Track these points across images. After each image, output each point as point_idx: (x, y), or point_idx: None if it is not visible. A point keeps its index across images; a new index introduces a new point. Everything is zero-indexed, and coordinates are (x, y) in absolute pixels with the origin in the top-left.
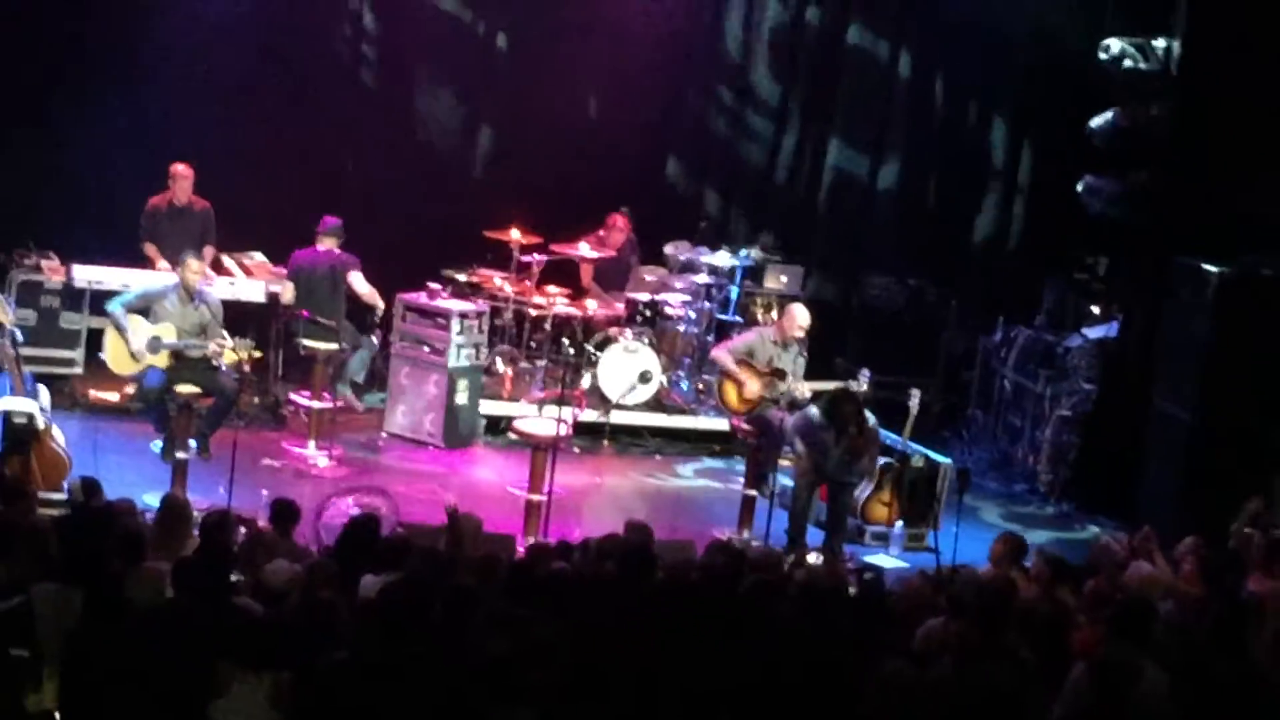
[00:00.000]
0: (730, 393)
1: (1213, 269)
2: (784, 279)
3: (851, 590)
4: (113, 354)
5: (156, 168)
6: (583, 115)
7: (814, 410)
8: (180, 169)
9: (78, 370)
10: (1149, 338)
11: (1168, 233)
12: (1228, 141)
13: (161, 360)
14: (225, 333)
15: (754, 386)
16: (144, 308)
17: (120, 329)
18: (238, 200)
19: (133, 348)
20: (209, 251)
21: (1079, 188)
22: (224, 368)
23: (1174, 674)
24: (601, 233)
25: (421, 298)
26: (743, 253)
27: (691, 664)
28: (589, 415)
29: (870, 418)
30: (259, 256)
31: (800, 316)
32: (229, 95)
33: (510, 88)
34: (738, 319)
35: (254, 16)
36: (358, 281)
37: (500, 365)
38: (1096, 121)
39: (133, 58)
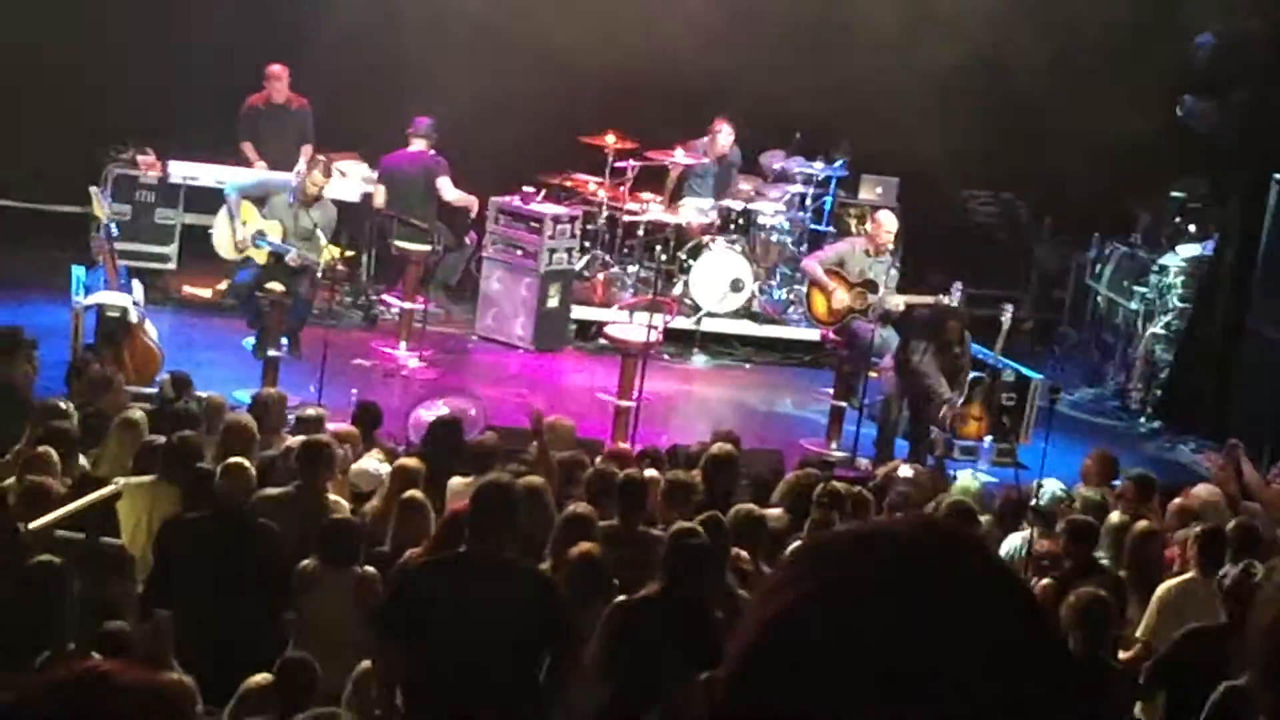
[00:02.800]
0: (819, 303)
1: None
2: (879, 190)
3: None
4: (220, 236)
5: (253, 65)
6: (680, 21)
7: (915, 319)
8: (275, 69)
9: (171, 265)
10: (1245, 257)
11: (1267, 151)
12: None
13: (260, 255)
14: (324, 240)
15: (843, 297)
16: (260, 196)
17: (231, 213)
18: (334, 100)
19: (238, 236)
20: (306, 150)
21: (1178, 107)
22: (307, 273)
23: None
24: (704, 139)
25: (515, 201)
26: (837, 162)
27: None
28: (680, 322)
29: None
30: (353, 159)
31: (887, 222)
32: None
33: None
34: (831, 229)
35: None
36: (446, 189)
37: (591, 270)
38: (1197, 40)
39: None
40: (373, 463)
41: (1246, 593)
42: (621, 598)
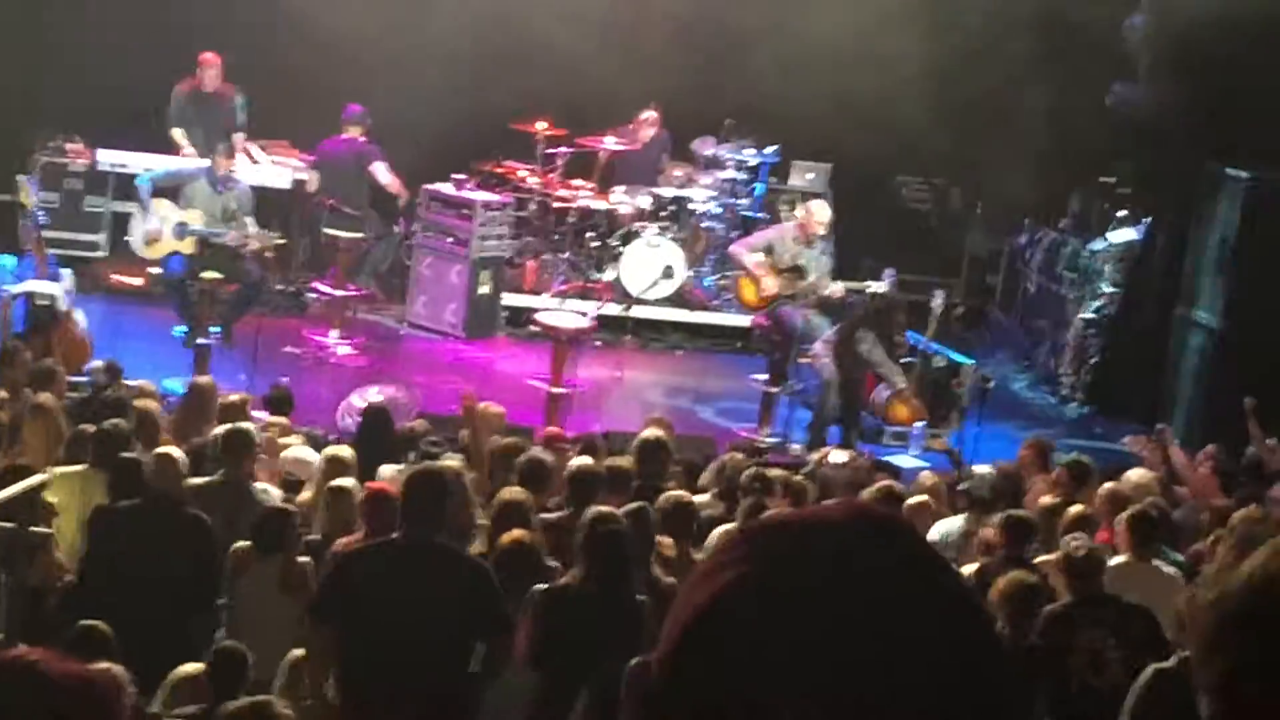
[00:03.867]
0: (747, 289)
1: (1242, 174)
2: (810, 176)
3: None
4: (138, 235)
5: (183, 52)
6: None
7: (862, 310)
8: (208, 57)
9: (101, 254)
10: (1175, 243)
11: (1197, 135)
12: (1260, 44)
13: (187, 246)
14: (251, 221)
15: (770, 283)
16: (173, 187)
17: (142, 205)
18: (264, 87)
19: (148, 226)
20: (238, 139)
21: (1109, 93)
22: (249, 256)
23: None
24: (631, 126)
25: (446, 188)
26: (768, 149)
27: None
28: (611, 309)
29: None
30: (283, 147)
31: (819, 213)
32: None
33: None
34: (763, 215)
35: None
36: (380, 172)
37: (523, 257)
38: (1127, 22)
39: None
40: (307, 450)
41: (1090, 568)
42: (543, 585)
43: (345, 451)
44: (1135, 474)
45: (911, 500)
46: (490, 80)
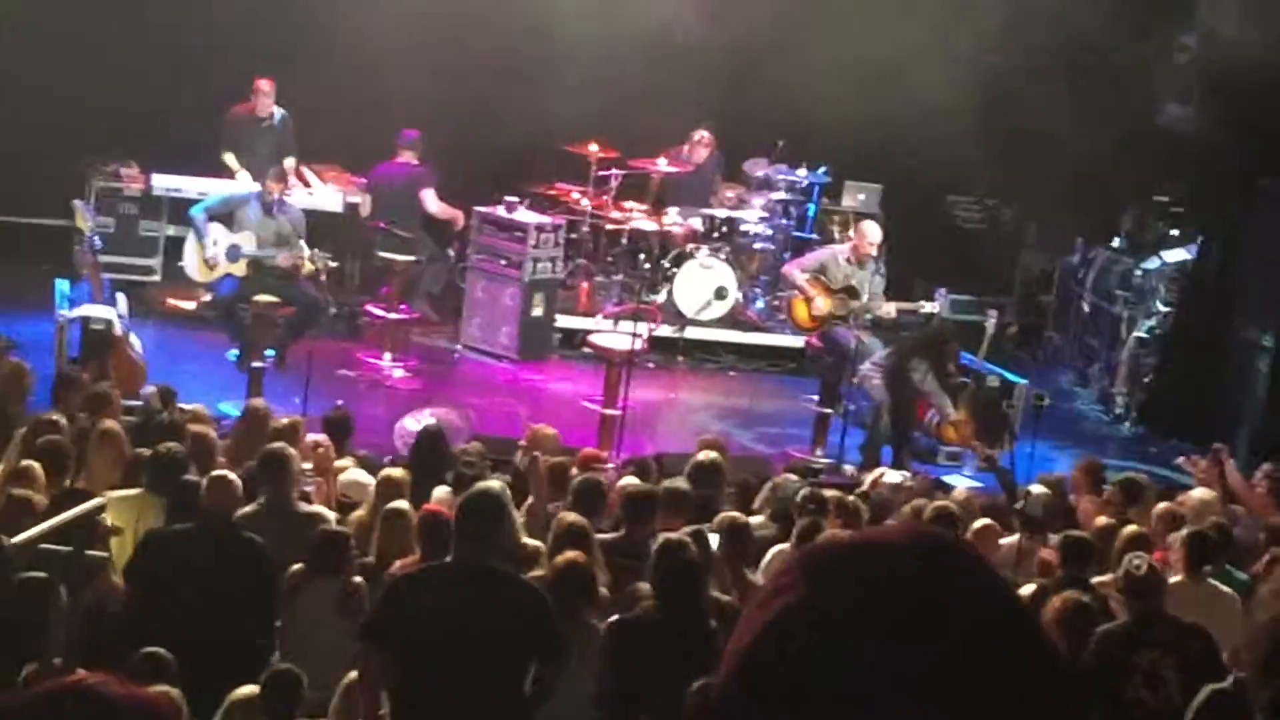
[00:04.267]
0: (800, 309)
1: None
2: (861, 197)
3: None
4: (191, 260)
5: (236, 77)
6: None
7: (916, 339)
8: (263, 84)
9: (155, 278)
10: (1228, 261)
11: (1248, 154)
12: None
13: (239, 269)
14: (304, 244)
15: (823, 304)
16: (226, 214)
17: (199, 234)
18: (317, 111)
19: (206, 254)
20: (291, 163)
21: (1161, 111)
22: (302, 279)
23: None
24: (684, 148)
25: (498, 211)
26: (820, 170)
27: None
28: (664, 330)
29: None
30: (334, 170)
31: (871, 233)
32: (308, 2)
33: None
34: (814, 236)
35: None
36: (430, 201)
37: (575, 279)
38: (1178, 42)
39: None
40: (361, 473)
41: (1149, 587)
42: (616, 616)
43: (399, 473)
44: (1198, 493)
45: (976, 524)
46: (543, 102)
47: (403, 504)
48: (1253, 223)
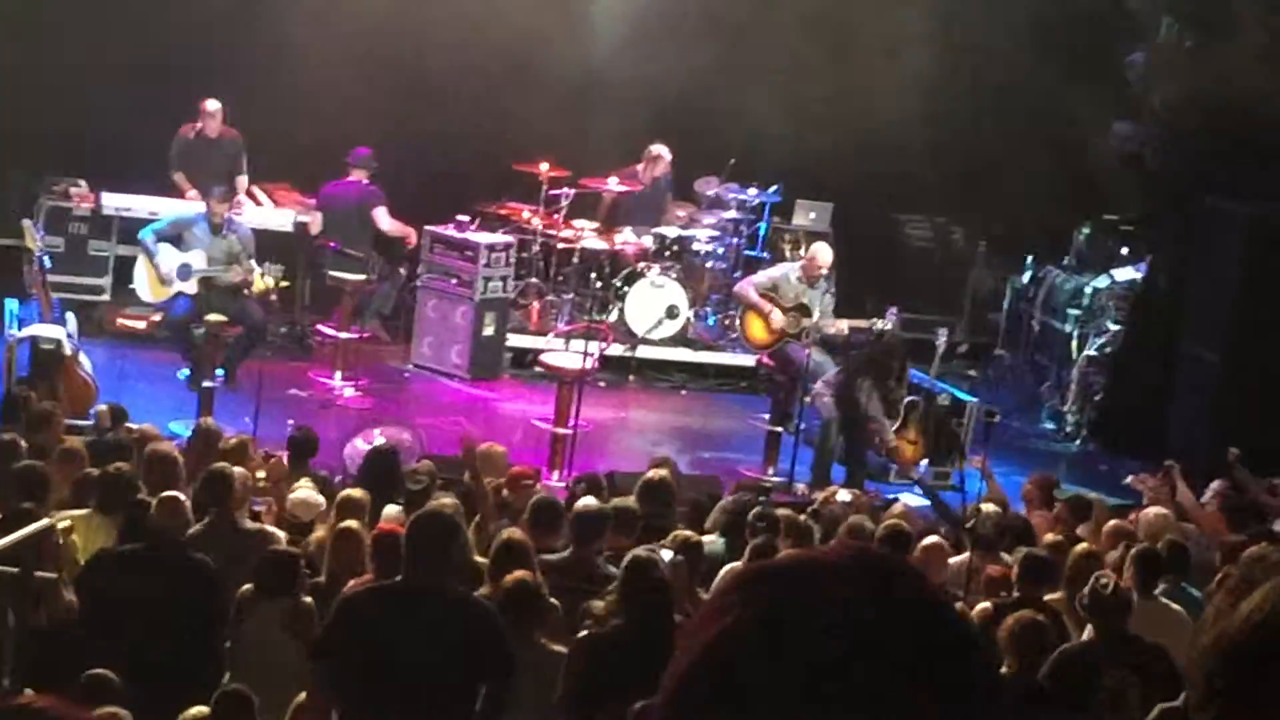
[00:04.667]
0: (755, 327)
1: (1242, 210)
2: (812, 215)
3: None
4: (142, 280)
5: (186, 96)
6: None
7: (862, 357)
8: (209, 105)
9: (105, 297)
10: (1177, 279)
11: (1198, 173)
12: (1256, 80)
13: (190, 287)
14: (254, 263)
15: (780, 318)
16: (174, 235)
17: (150, 254)
18: (268, 130)
19: (161, 272)
20: (241, 182)
21: (1111, 128)
22: (252, 297)
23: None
24: (641, 165)
25: (449, 230)
26: (771, 189)
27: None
28: (615, 349)
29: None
30: (284, 189)
31: (822, 255)
32: (257, 23)
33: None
34: (766, 255)
35: None
36: (382, 218)
37: (527, 298)
38: (1127, 59)
39: None
40: (310, 492)
41: (1115, 606)
42: (586, 632)
43: (359, 493)
44: (1150, 511)
45: (926, 541)
46: (493, 122)
47: (354, 523)
48: (1201, 241)
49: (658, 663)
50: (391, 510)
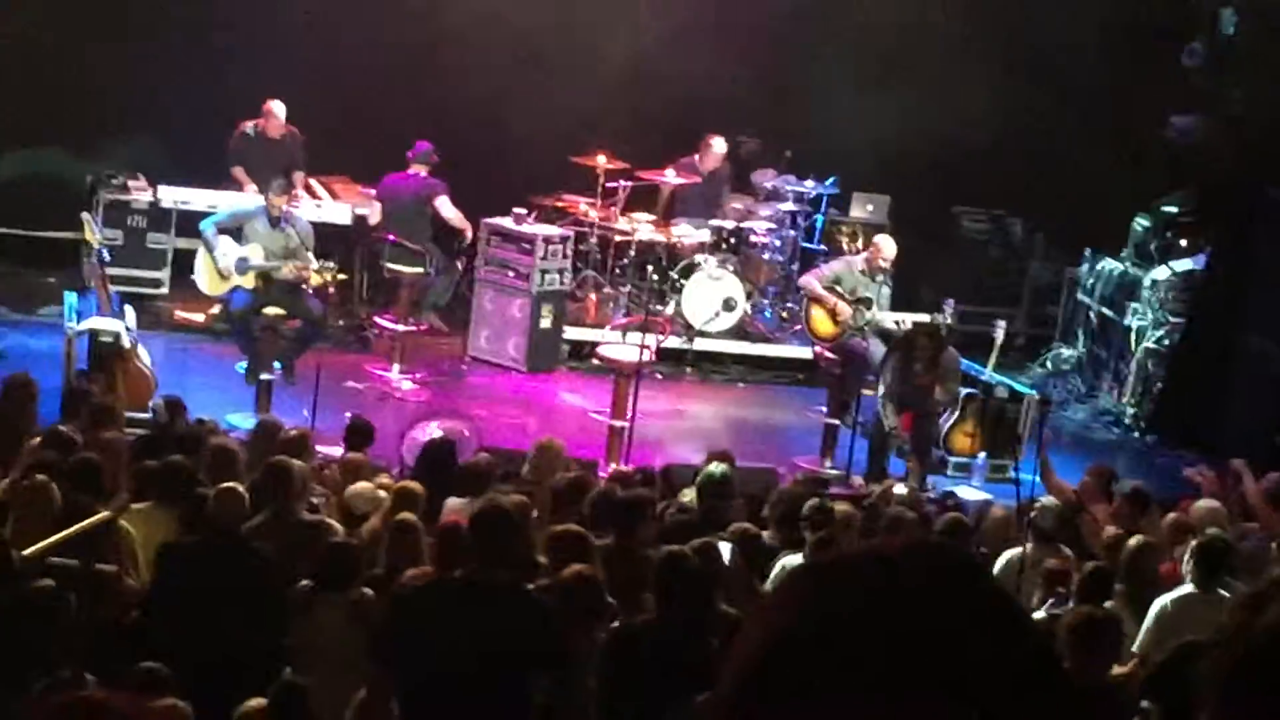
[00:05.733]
0: (819, 319)
1: None
2: (870, 208)
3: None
4: (202, 273)
5: (247, 90)
6: (671, 40)
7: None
8: (271, 105)
9: (164, 290)
10: (1237, 271)
11: (1256, 164)
12: None
13: (248, 281)
14: (311, 256)
15: (846, 309)
16: (234, 227)
17: (209, 247)
18: (329, 123)
19: (220, 265)
20: (299, 177)
21: (1169, 120)
22: (310, 291)
23: None
24: (696, 156)
25: (506, 222)
26: (828, 181)
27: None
28: (672, 342)
29: (951, 350)
30: (343, 182)
31: (886, 247)
32: (317, 19)
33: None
34: (823, 248)
35: None
36: (445, 207)
37: (584, 291)
38: (1185, 49)
39: None
40: (368, 484)
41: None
42: (617, 623)
43: (416, 486)
44: (1203, 504)
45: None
46: (550, 114)
47: (410, 516)
48: (1260, 232)
49: (693, 655)
50: (456, 503)
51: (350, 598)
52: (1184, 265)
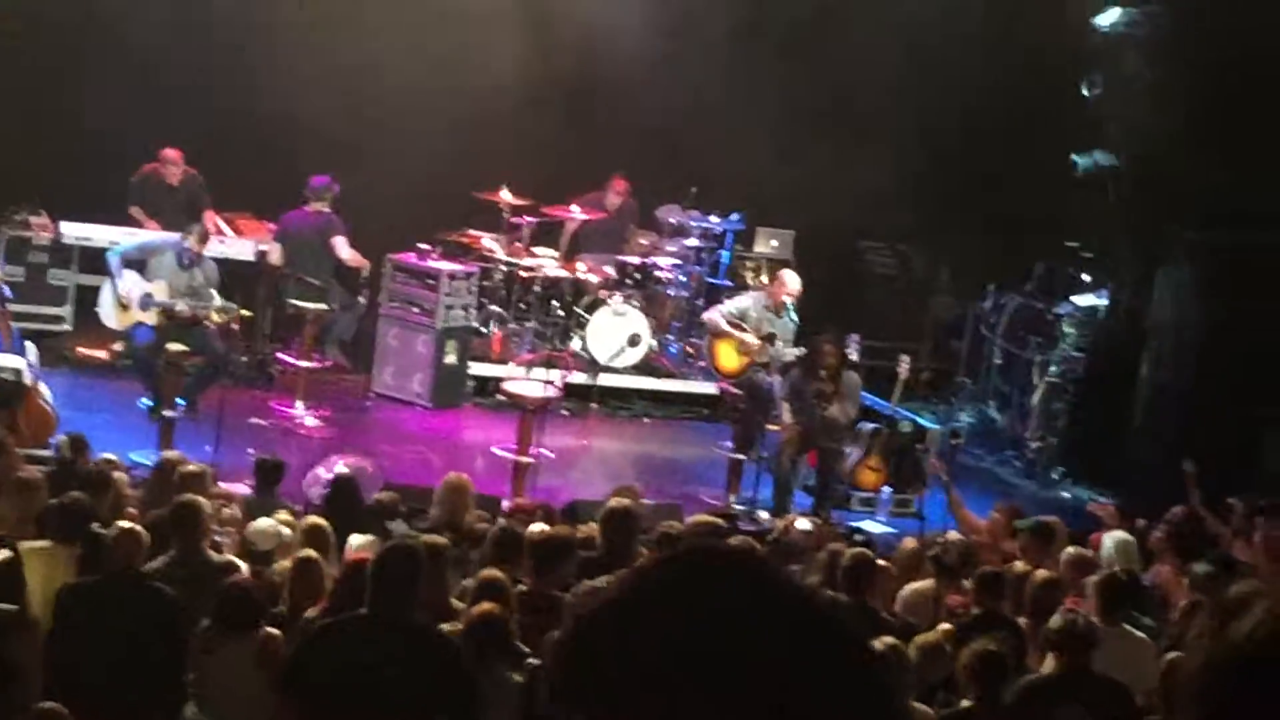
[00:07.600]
0: (724, 354)
1: (1203, 238)
2: (774, 243)
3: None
4: (106, 305)
5: (146, 127)
6: (580, 75)
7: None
8: (169, 153)
9: (66, 327)
10: (1139, 307)
11: (1158, 200)
12: (1219, 111)
13: (151, 317)
14: (216, 295)
15: (752, 341)
16: (141, 260)
17: (112, 275)
18: (229, 161)
19: (120, 293)
20: (209, 215)
21: (1071, 161)
22: (213, 327)
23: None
24: (603, 194)
25: (411, 258)
26: (733, 216)
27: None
28: (578, 377)
29: (853, 374)
30: (246, 218)
31: (791, 282)
32: (217, 57)
33: (502, 48)
34: (728, 283)
35: None
36: (341, 247)
37: (489, 327)
38: (1085, 85)
39: (123, 22)
40: (268, 521)
41: (1081, 642)
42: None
43: (321, 522)
44: (1111, 537)
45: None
46: (454, 150)
47: (312, 552)
48: (1163, 269)
49: None
50: (360, 539)
51: (257, 639)
52: (1086, 300)
